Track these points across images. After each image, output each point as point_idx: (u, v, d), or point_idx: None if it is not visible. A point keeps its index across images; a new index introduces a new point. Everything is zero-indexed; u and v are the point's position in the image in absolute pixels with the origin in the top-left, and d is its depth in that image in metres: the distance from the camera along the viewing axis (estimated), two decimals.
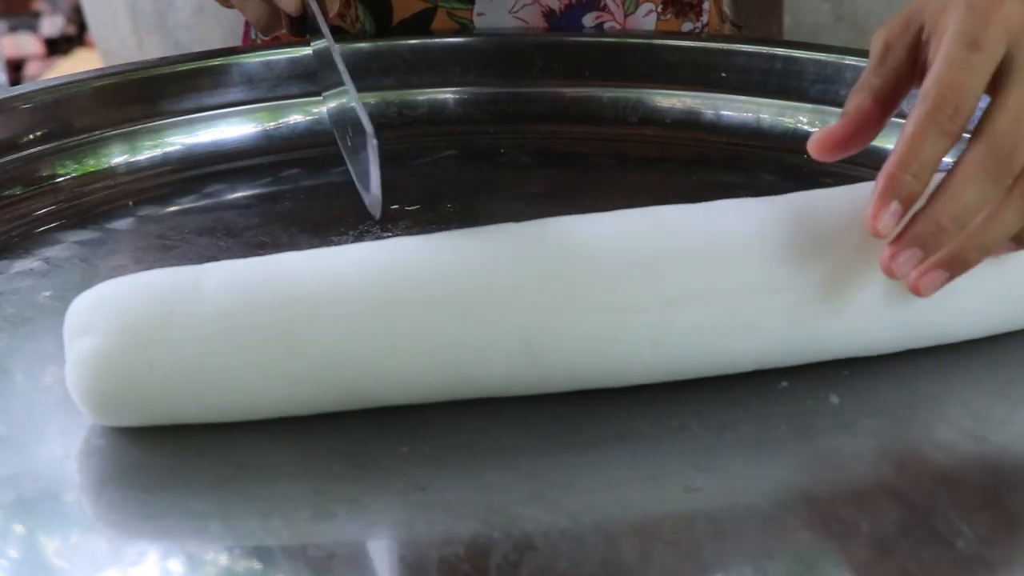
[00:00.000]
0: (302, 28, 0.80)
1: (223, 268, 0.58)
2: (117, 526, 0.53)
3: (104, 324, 0.55)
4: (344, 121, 0.74)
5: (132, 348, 0.55)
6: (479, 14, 0.90)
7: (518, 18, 0.91)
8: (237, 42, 1.07)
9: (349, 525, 0.52)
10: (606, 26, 0.95)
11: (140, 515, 0.53)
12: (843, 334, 0.59)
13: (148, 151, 0.83)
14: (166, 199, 0.80)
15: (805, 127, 0.85)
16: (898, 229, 0.56)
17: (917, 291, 0.57)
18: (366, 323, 0.56)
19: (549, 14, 0.90)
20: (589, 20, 0.94)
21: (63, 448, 0.56)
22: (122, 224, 0.77)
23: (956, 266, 0.57)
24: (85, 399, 0.56)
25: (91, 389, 0.56)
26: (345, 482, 0.54)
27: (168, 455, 0.56)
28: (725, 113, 0.85)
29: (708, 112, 0.85)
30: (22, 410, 0.59)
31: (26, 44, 3.13)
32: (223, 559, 0.50)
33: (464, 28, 0.91)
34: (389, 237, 0.71)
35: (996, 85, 0.56)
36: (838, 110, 0.84)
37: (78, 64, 2.98)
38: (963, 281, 0.59)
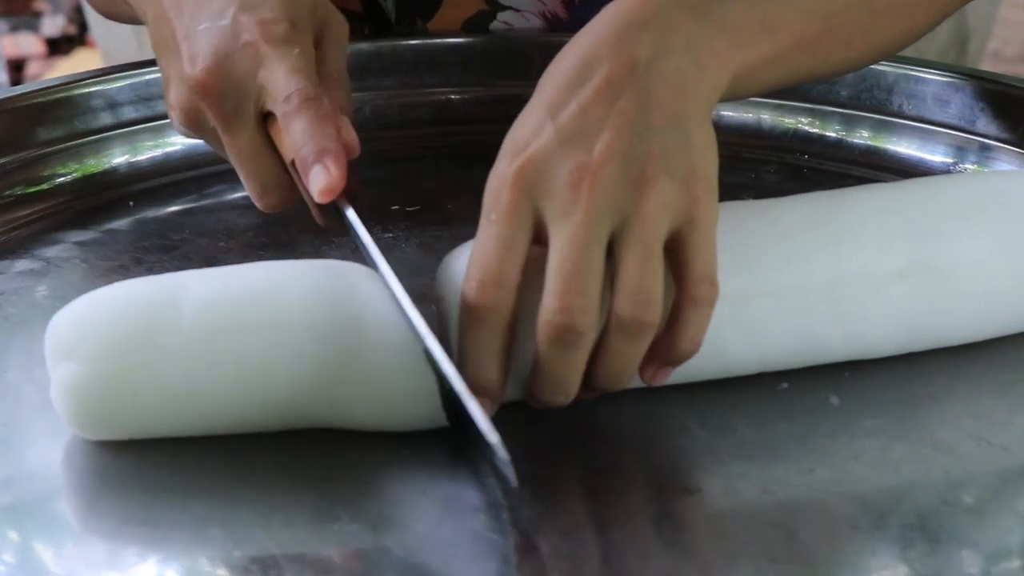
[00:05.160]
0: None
1: (199, 283, 0.57)
2: (115, 530, 0.53)
3: (84, 350, 0.54)
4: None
5: (115, 375, 0.54)
6: None
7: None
8: None
9: (350, 527, 0.52)
10: None
11: (139, 519, 0.53)
12: (845, 338, 0.59)
13: (148, 151, 0.83)
14: (166, 199, 0.80)
15: (805, 127, 0.85)
16: None
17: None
18: (342, 348, 0.55)
19: (569, 3, 0.88)
20: None
21: (62, 451, 0.56)
22: (122, 224, 0.77)
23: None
24: (70, 421, 0.56)
25: (76, 412, 0.55)
26: (346, 485, 0.54)
27: (167, 459, 0.55)
28: (725, 113, 0.85)
29: None
30: (21, 412, 0.59)
31: (27, 44, 3.12)
32: (224, 563, 0.50)
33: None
34: (389, 238, 0.72)
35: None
36: (838, 110, 0.85)
37: (79, 64, 2.97)
38: (964, 284, 0.59)
